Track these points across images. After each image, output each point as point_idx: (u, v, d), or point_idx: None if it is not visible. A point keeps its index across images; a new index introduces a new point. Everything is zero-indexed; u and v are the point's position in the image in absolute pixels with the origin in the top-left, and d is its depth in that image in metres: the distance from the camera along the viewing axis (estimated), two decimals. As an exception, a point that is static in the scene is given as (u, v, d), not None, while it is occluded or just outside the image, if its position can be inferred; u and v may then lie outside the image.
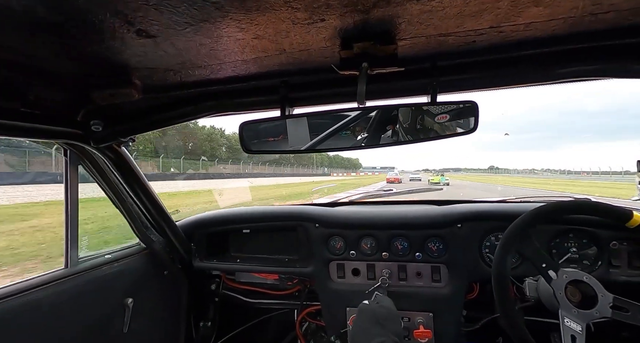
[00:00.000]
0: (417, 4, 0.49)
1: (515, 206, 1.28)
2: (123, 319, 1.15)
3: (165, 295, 1.40)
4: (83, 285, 1.02)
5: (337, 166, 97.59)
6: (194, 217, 1.57)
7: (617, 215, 0.85)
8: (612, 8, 0.52)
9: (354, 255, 1.30)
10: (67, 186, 1.02)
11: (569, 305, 0.81)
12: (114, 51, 0.60)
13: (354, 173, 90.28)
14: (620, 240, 1.10)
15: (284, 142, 0.87)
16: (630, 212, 0.84)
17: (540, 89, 0.77)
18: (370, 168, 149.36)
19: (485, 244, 1.22)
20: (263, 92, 0.83)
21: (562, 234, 1.16)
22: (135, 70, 0.70)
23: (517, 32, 0.60)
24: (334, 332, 1.31)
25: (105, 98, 0.74)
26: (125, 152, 1.05)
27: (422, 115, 0.81)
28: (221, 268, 1.52)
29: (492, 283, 0.84)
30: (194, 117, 0.90)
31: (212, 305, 1.63)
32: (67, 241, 1.03)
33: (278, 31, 0.56)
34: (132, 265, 1.24)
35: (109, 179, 1.11)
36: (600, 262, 1.12)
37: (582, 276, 0.85)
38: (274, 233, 1.51)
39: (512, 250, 0.85)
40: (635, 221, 0.82)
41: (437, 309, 1.21)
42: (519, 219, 0.89)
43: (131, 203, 1.21)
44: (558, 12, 0.53)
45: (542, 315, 1.14)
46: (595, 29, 0.59)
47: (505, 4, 0.50)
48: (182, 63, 0.68)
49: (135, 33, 0.53)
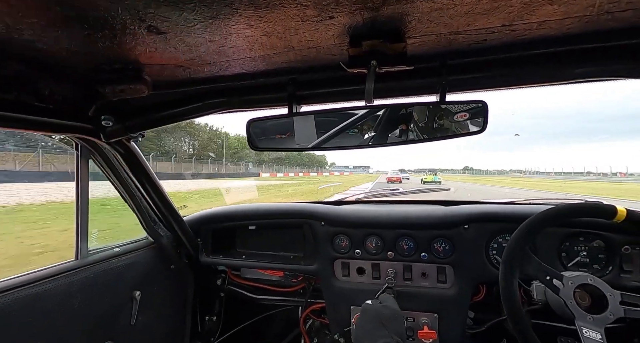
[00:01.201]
0: (428, 2, 0.49)
1: (524, 208, 1.26)
2: (131, 311, 1.18)
3: (172, 289, 1.42)
4: (92, 277, 1.04)
5: (290, 162, 77.87)
6: (201, 213, 1.58)
7: (602, 212, 0.83)
8: (630, 6, 0.50)
9: (359, 254, 1.30)
10: (77, 180, 1.04)
11: (583, 314, 0.79)
12: (125, 47, 0.61)
13: (315, 172, 74.44)
14: (633, 244, 1.07)
15: (291, 140, 0.87)
16: (614, 207, 0.82)
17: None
18: (341, 167, 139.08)
19: (492, 245, 1.20)
20: (271, 90, 0.84)
21: (571, 237, 1.14)
22: (145, 66, 0.71)
23: (530, 30, 0.59)
24: (337, 330, 1.31)
25: (115, 94, 0.75)
26: (134, 147, 1.07)
27: (431, 114, 0.80)
28: (227, 264, 1.54)
29: (500, 286, 0.83)
30: (203, 114, 0.91)
31: (217, 300, 1.65)
32: (78, 233, 1.05)
33: (287, 28, 0.56)
34: (140, 258, 1.26)
35: (119, 173, 1.13)
36: (612, 267, 1.09)
37: (587, 279, 0.83)
38: (280, 230, 1.52)
39: (517, 263, 0.83)
40: (620, 215, 0.81)
41: (442, 310, 1.20)
42: (512, 236, 0.87)
43: (140, 198, 1.23)
44: (573, 11, 0.52)
45: (549, 319, 1.12)
46: (612, 27, 0.58)
47: (518, 1, 0.49)
48: (191, 60, 0.68)
49: (146, 29, 0.54)
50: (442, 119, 0.78)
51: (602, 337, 0.75)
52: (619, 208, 0.82)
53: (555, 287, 0.83)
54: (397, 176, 30.46)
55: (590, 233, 1.12)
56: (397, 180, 27.87)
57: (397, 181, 27.48)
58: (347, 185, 19.76)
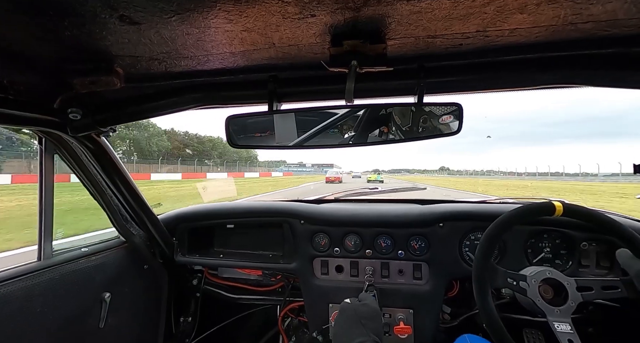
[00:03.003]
0: (407, 5, 0.50)
1: (494, 207, 1.32)
2: (100, 314, 1.12)
3: (145, 290, 1.37)
4: (58, 279, 0.98)
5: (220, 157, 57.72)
6: (177, 211, 1.54)
7: (544, 210, 0.89)
8: (590, 19, 0.54)
9: (338, 252, 1.31)
10: (41, 175, 0.97)
11: (551, 309, 0.84)
12: (94, 36, 0.58)
13: (254, 172, 56.80)
14: (589, 240, 1.16)
15: (271, 137, 0.87)
16: (551, 203, 0.89)
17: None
18: (295, 165, 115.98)
19: (465, 243, 1.26)
20: (251, 86, 0.82)
21: (537, 234, 1.21)
22: (117, 57, 0.67)
23: (502, 37, 0.61)
24: (316, 327, 1.32)
25: (85, 85, 0.71)
26: (105, 142, 1.02)
27: (409, 115, 0.82)
28: (204, 263, 1.50)
29: (472, 281, 0.86)
30: (179, 109, 0.88)
31: (193, 301, 1.61)
32: (41, 233, 0.99)
33: (268, 24, 0.55)
34: (110, 258, 1.20)
35: (87, 170, 1.07)
36: (571, 262, 1.17)
37: (546, 273, 0.89)
38: (259, 228, 1.51)
39: (486, 279, 0.87)
40: (559, 210, 0.87)
41: (417, 306, 1.24)
42: (482, 238, 0.91)
43: (111, 195, 1.17)
44: (541, 20, 0.55)
45: (515, 312, 1.19)
46: (574, 38, 0.62)
47: (492, 9, 0.51)
48: (167, 52, 0.66)
49: (118, 19, 0.51)
50: (420, 120, 0.80)
51: (571, 327, 0.80)
52: (556, 203, 0.88)
53: (522, 289, 0.87)
54: (337, 176, 29.66)
55: (553, 230, 1.20)
56: (336, 180, 27.83)
57: (337, 180, 27.46)
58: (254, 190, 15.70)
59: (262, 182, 28.52)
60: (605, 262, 1.14)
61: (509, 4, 0.50)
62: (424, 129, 0.81)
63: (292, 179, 40.30)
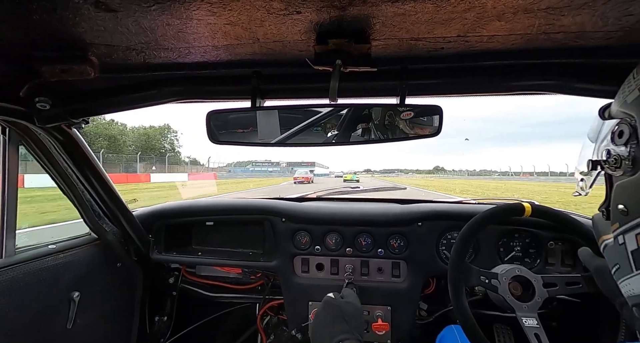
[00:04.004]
0: (392, 6, 0.50)
1: (470, 207, 1.37)
2: (68, 314, 1.07)
3: (118, 289, 1.32)
4: (21, 278, 0.93)
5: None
6: (154, 207, 1.49)
7: (514, 211, 0.94)
8: (561, 29, 0.57)
9: (318, 250, 1.32)
10: (4, 168, 0.91)
11: (519, 305, 0.88)
12: (66, 22, 0.55)
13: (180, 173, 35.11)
14: (556, 240, 1.23)
15: (253, 134, 0.86)
16: (520, 204, 0.94)
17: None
18: (262, 163, 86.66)
19: (442, 242, 1.29)
20: (234, 81, 0.81)
21: (508, 234, 1.27)
22: (91, 46, 0.64)
23: (481, 43, 0.64)
24: (295, 325, 1.32)
25: (55, 74, 0.67)
26: (76, 134, 0.96)
27: (392, 116, 0.84)
28: (181, 261, 1.46)
29: (448, 280, 0.89)
30: (158, 102, 0.85)
31: (169, 299, 1.56)
32: (3, 229, 0.93)
33: (252, 19, 0.54)
34: (80, 256, 1.15)
35: (57, 162, 1.01)
36: (539, 260, 1.24)
37: (515, 271, 0.93)
38: (240, 226, 1.48)
39: (461, 279, 0.90)
40: (528, 210, 0.92)
41: (395, 303, 1.27)
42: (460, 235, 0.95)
43: (82, 190, 1.12)
44: (517, 28, 0.57)
45: (487, 308, 1.24)
46: (547, 47, 0.65)
47: (472, 15, 0.53)
48: (146, 43, 0.63)
49: (93, 5, 0.49)
50: (402, 121, 0.82)
51: (537, 322, 0.85)
52: (525, 204, 0.93)
53: (494, 287, 0.91)
54: (306, 176, 27.01)
55: (523, 230, 1.26)
56: (306, 180, 25.63)
57: (306, 181, 25.43)
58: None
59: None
60: (569, 260, 1.22)
61: (487, 11, 0.52)
62: (406, 130, 0.83)
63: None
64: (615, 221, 0.47)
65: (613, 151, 0.47)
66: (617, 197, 0.46)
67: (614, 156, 0.47)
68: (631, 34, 0.57)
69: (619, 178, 0.47)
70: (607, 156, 0.48)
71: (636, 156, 0.43)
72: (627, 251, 0.44)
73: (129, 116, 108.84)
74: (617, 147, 0.46)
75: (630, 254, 0.44)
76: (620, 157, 0.46)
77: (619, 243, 0.46)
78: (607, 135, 0.49)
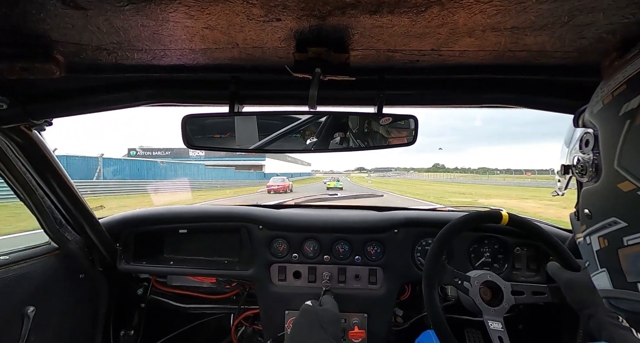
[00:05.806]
0: (370, 18, 0.52)
1: (445, 214, 1.42)
2: (20, 332, 0.98)
3: (79, 302, 1.23)
4: None
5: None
6: (122, 214, 1.41)
7: (493, 218, 0.99)
8: (525, 47, 0.61)
9: (296, 258, 1.30)
10: None
11: (487, 308, 0.91)
12: (29, 18, 0.51)
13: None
14: (521, 246, 1.29)
15: (231, 140, 0.84)
16: (499, 212, 0.99)
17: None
18: (243, 164, 49.92)
19: (417, 248, 1.32)
20: (211, 86, 0.79)
21: (479, 240, 1.32)
22: (57, 43, 0.60)
23: (454, 57, 0.67)
24: (270, 335, 1.29)
25: (14, 71, 0.63)
26: (37, 136, 0.90)
27: (369, 124, 0.86)
28: (151, 271, 1.39)
29: (422, 278, 0.92)
30: (130, 104, 0.81)
31: (137, 312, 1.48)
32: None
33: (231, 24, 0.54)
34: (37, 267, 1.06)
35: (13, 166, 0.93)
36: (507, 265, 1.30)
37: (487, 276, 0.97)
38: (215, 234, 1.44)
39: (435, 276, 0.93)
40: (505, 219, 0.97)
41: (371, 310, 1.27)
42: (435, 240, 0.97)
43: (42, 196, 1.04)
44: (486, 45, 0.61)
45: (459, 313, 1.27)
46: (513, 63, 0.69)
47: (445, 30, 0.55)
48: (118, 43, 0.61)
49: (60, 1, 0.46)
50: (378, 130, 0.84)
51: (502, 326, 0.88)
52: (503, 213, 0.98)
53: (465, 288, 0.95)
54: (282, 184, 20.68)
55: (492, 236, 1.32)
56: (281, 189, 19.78)
57: (282, 190, 19.71)
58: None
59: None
60: (533, 265, 1.28)
61: (459, 28, 0.54)
62: (382, 139, 0.85)
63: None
64: (582, 224, 0.50)
65: (581, 159, 0.50)
66: (583, 202, 0.49)
67: (581, 163, 0.49)
68: (586, 55, 0.62)
69: (586, 184, 0.50)
70: (576, 162, 0.51)
71: (598, 165, 0.46)
72: (593, 250, 0.47)
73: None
74: (584, 154, 0.49)
75: (596, 253, 0.47)
76: (586, 164, 0.48)
77: (587, 243, 0.49)
78: (577, 142, 0.52)
